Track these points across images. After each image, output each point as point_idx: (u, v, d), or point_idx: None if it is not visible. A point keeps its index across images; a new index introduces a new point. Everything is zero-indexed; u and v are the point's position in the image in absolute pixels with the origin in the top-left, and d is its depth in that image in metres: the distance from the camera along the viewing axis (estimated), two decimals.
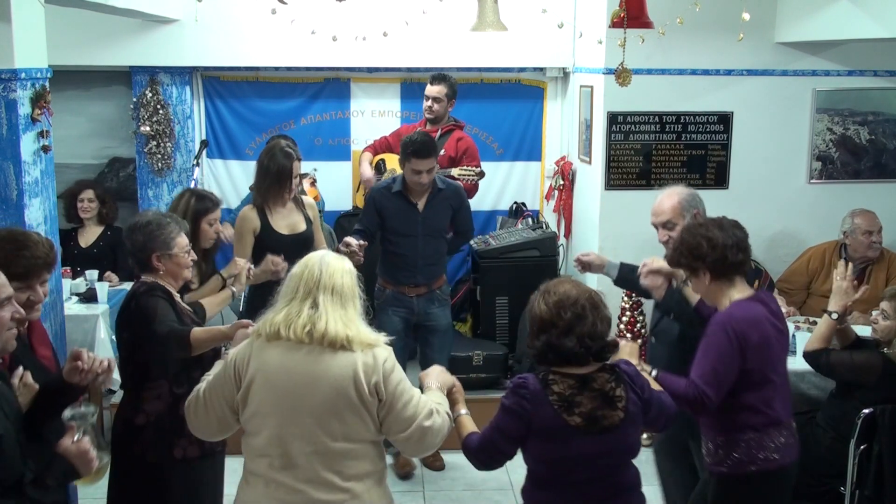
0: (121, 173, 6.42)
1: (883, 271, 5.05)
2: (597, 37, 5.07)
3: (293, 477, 2.51)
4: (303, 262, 2.62)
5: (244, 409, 2.55)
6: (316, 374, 2.49)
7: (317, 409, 2.49)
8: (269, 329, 2.54)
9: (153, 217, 3.21)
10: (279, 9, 4.52)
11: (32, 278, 2.62)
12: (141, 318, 3.05)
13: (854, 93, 5.61)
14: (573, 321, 2.55)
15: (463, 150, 5.43)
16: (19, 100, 3.55)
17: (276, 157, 4.19)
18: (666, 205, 3.62)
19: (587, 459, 2.58)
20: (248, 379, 2.53)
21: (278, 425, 2.51)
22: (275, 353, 2.53)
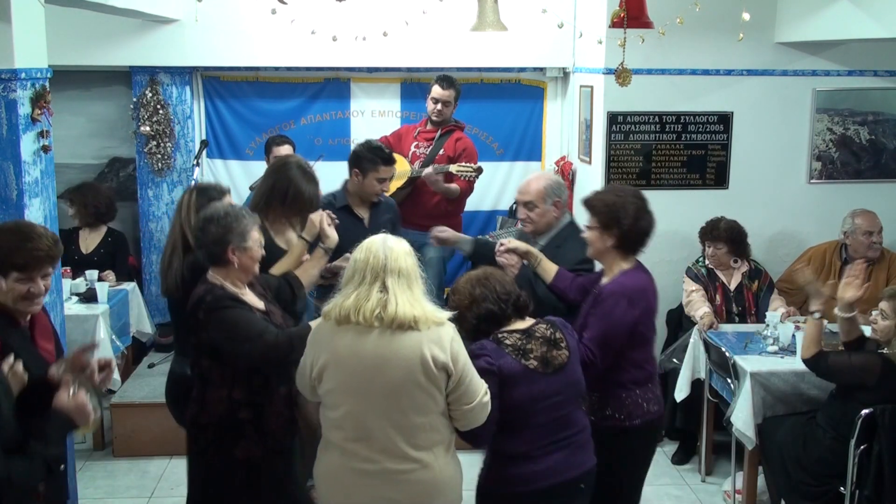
0: (121, 173, 6.42)
1: (884, 271, 5.05)
2: (597, 37, 5.07)
3: (367, 447, 2.70)
4: (364, 247, 2.75)
5: (320, 385, 2.76)
6: (386, 356, 2.65)
7: (388, 389, 2.66)
8: (339, 313, 2.68)
9: (229, 209, 3.12)
10: (279, 9, 4.52)
11: (33, 270, 2.64)
12: (223, 333, 3.01)
13: (854, 93, 5.61)
14: (483, 291, 2.99)
15: (461, 150, 5.44)
16: (19, 100, 3.56)
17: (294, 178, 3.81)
18: (533, 187, 3.89)
19: (546, 398, 2.94)
20: (321, 362, 2.73)
21: (353, 403, 2.70)
22: (345, 337, 2.69)
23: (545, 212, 3.91)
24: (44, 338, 2.83)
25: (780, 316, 4.61)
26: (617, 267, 3.42)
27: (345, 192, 4.51)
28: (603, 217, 3.42)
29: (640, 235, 3.44)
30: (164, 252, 3.52)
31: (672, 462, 5.02)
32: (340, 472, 2.75)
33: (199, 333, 3.06)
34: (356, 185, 4.45)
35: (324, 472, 2.82)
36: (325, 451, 2.83)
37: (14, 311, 2.69)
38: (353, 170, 4.48)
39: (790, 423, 4.08)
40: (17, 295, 2.63)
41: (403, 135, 5.72)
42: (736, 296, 5.02)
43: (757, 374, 4.17)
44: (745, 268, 5.08)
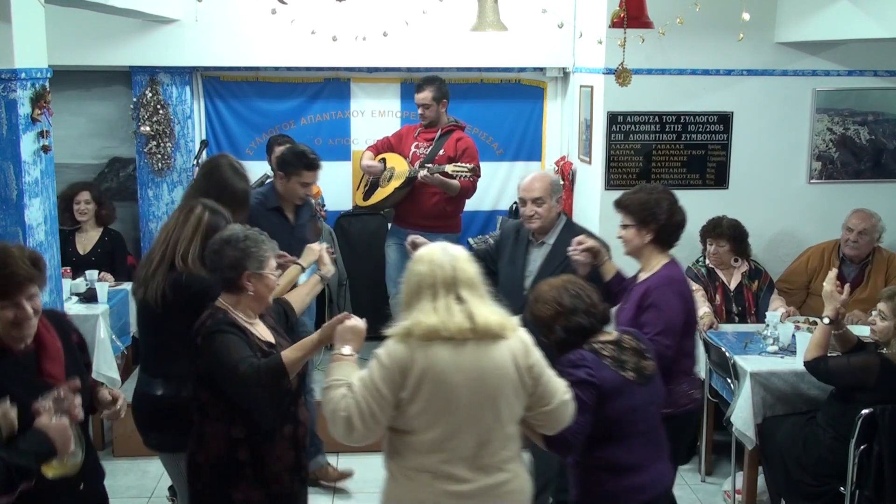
0: (121, 173, 6.42)
1: (882, 272, 5.05)
2: (597, 37, 5.07)
3: (466, 467, 2.59)
4: (424, 259, 2.63)
5: (409, 408, 2.56)
6: (485, 367, 2.58)
7: (486, 401, 2.59)
8: (422, 330, 2.54)
9: (249, 232, 2.94)
10: (279, 9, 4.52)
11: (15, 295, 2.46)
12: (212, 360, 2.83)
13: (854, 93, 5.61)
14: (573, 302, 2.96)
15: (462, 150, 5.43)
16: (19, 100, 3.55)
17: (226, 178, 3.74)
18: (540, 183, 3.97)
19: (643, 408, 2.99)
20: (414, 379, 2.54)
21: (449, 421, 2.57)
22: (442, 353, 2.55)
23: (552, 208, 3.97)
24: (51, 362, 2.61)
25: (779, 316, 4.60)
26: (656, 262, 3.52)
27: (275, 192, 4.48)
28: (639, 215, 3.53)
29: (676, 228, 3.58)
30: (150, 257, 3.32)
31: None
32: (434, 500, 2.60)
33: (196, 363, 2.89)
34: (282, 186, 4.44)
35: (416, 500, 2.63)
36: (409, 479, 2.63)
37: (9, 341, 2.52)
38: (278, 172, 4.48)
39: (790, 423, 4.08)
40: (5, 322, 2.47)
41: (404, 135, 5.72)
42: (736, 296, 5.02)
43: (757, 374, 4.17)
44: (745, 267, 5.08)
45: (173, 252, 3.23)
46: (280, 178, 4.44)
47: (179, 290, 3.16)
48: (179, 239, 3.25)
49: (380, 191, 5.63)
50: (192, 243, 3.22)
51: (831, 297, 3.85)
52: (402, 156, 5.62)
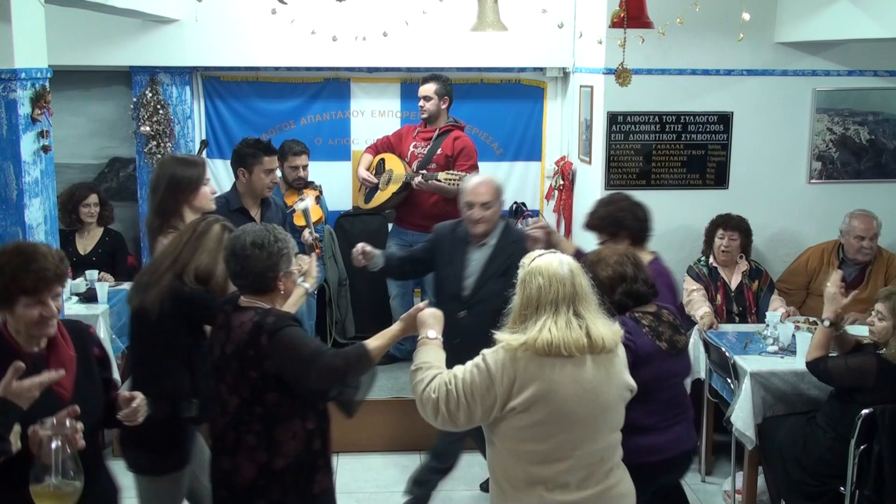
0: (121, 173, 6.42)
1: (882, 272, 5.05)
2: (597, 37, 5.07)
3: (579, 477, 2.65)
4: (544, 272, 2.63)
5: (521, 418, 2.60)
6: (602, 382, 2.66)
7: (603, 413, 2.67)
8: (543, 345, 2.56)
9: (276, 231, 2.91)
10: (279, 9, 4.51)
11: (43, 292, 2.45)
12: (287, 355, 2.76)
13: (854, 93, 5.61)
14: (635, 270, 3.28)
15: (459, 149, 5.43)
16: (19, 100, 3.55)
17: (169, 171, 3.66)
18: (487, 188, 4.06)
19: (671, 377, 3.29)
20: (528, 392, 2.58)
21: (568, 435, 2.62)
22: (564, 370, 2.59)
23: (497, 211, 4.08)
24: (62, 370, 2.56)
25: (779, 316, 4.61)
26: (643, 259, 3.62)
27: (236, 193, 4.43)
28: (608, 230, 3.88)
29: (645, 224, 3.98)
30: (155, 265, 3.24)
31: None
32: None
33: (261, 365, 2.77)
34: (245, 184, 4.41)
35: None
36: (520, 491, 2.65)
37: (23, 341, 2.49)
38: (238, 170, 4.44)
39: (790, 423, 4.08)
40: (30, 321, 2.44)
41: (404, 135, 5.73)
42: (737, 295, 5.02)
43: (757, 374, 4.17)
44: (746, 267, 5.08)
45: (184, 264, 3.15)
46: (241, 175, 4.40)
47: (180, 300, 3.10)
48: (197, 251, 3.16)
49: (379, 194, 5.64)
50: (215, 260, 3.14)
51: (833, 299, 3.86)
52: (401, 155, 5.62)
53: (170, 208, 3.61)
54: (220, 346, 2.88)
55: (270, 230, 2.90)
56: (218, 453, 2.94)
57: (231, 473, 2.86)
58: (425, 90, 5.48)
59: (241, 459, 2.84)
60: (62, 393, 2.48)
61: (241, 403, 2.83)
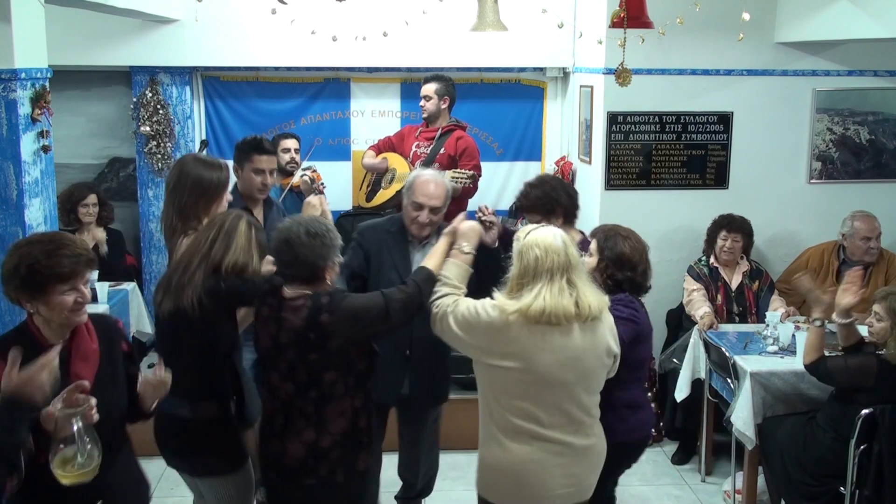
0: (121, 173, 6.42)
1: (882, 272, 5.06)
2: (597, 37, 5.07)
3: (561, 431, 2.84)
4: (541, 245, 2.79)
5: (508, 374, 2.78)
6: (586, 348, 2.82)
7: (584, 376, 2.85)
8: (533, 312, 2.72)
9: (329, 223, 2.96)
10: (279, 9, 4.52)
11: (77, 277, 2.47)
12: (359, 321, 2.84)
13: (854, 93, 5.61)
14: (647, 264, 3.37)
15: (462, 149, 5.43)
16: (19, 100, 3.55)
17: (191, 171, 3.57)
18: (440, 192, 3.77)
19: (649, 357, 3.55)
20: (514, 356, 2.76)
21: (552, 394, 2.80)
22: (551, 338, 2.77)
23: (443, 215, 3.86)
24: (82, 364, 2.54)
25: (780, 316, 4.61)
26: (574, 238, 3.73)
27: (238, 194, 4.30)
28: (544, 208, 3.90)
29: (576, 201, 4.09)
30: (181, 264, 3.16)
31: (672, 462, 5.02)
32: (536, 459, 2.82)
33: (324, 345, 2.83)
34: (240, 181, 4.28)
35: (517, 462, 2.83)
36: (512, 440, 2.84)
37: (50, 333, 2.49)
38: (234, 167, 4.30)
39: (790, 423, 4.08)
40: (66, 307, 2.45)
41: (406, 135, 5.73)
42: (737, 295, 5.02)
43: (757, 374, 4.17)
44: (746, 267, 5.09)
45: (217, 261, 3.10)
46: (236, 172, 4.28)
47: (218, 295, 3.06)
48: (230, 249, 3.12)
49: (382, 192, 5.63)
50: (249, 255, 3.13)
51: (817, 299, 3.95)
52: (403, 155, 5.62)
53: (192, 211, 3.52)
54: (269, 337, 2.92)
55: (322, 220, 2.96)
56: (267, 438, 2.99)
57: (280, 455, 2.93)
58: (426, 90, 5.48)
59: (289, 441, 2.91)
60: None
61: (295, 389, 2.90)
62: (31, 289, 2.45)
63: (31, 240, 2.55)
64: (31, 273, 2.43)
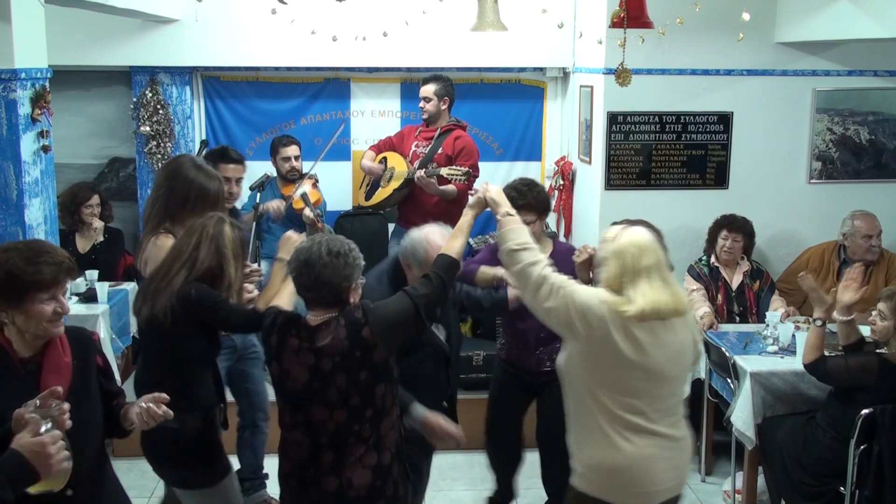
0: (121, 173, 6.43)
1: (882, 272, 5.06)
2: (597, 37, 5.07)
3: (664, 425, 2.83)
4: (634, 242, 2.81)
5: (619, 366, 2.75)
6: (685, 342, 2.86)
7: (685, 369, 2.93)
8: (644, 308, 2.73)
9: (350, 242, 2.80)
10: (279, 9, 4.52)
11: (58, 286, 2.36)
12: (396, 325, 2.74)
13: (854, 93, 5.61)
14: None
15: (459, 148, 5.43)
16: (19, 100, 3.56)
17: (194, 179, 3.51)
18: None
19: None
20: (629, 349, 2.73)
21: (660, 388, 2.81)
22: (660, 331, 2.77)
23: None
24: (55, 377, 2.40)
25: (780, 316, 4.61)
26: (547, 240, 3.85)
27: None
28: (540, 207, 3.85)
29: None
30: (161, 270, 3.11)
31: None
32: (648, 454, 2.81)
33: (370, 360, 2.69)
34: None
35: (630, 459, 2.80)
36: (622, 437, 2.80)
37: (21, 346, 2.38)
38: None
39: (790, 423, 4.08)
40: (44, 317, 2.34)
41: (406, 135, 5.73)
42: (738, 295, 5.02)
43: (757, 374, 4.17)
44: (747, 267, 5.09)
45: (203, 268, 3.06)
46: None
47: (187, 305, 3.00)
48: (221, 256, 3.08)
49: (380, 191, 5.63)
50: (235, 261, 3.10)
51: (819, 298, 3.93)
52: (402, 155, 5.62)
53: (181, 215, 3.46)
54: (306, 370, 2.71)
55: (342, 239, 2.80)
56: (316, 479, 2.76)
57: (343, 490, 2.74)
58: (425, 91, 5.48)
59: (351, 472, 2.73)
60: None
61: (349, 415, 2.72)
62: (9, 297, 2.32)
63: (7, 247, 2.41)
64: (10, 280, 2.31)
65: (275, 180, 5.58)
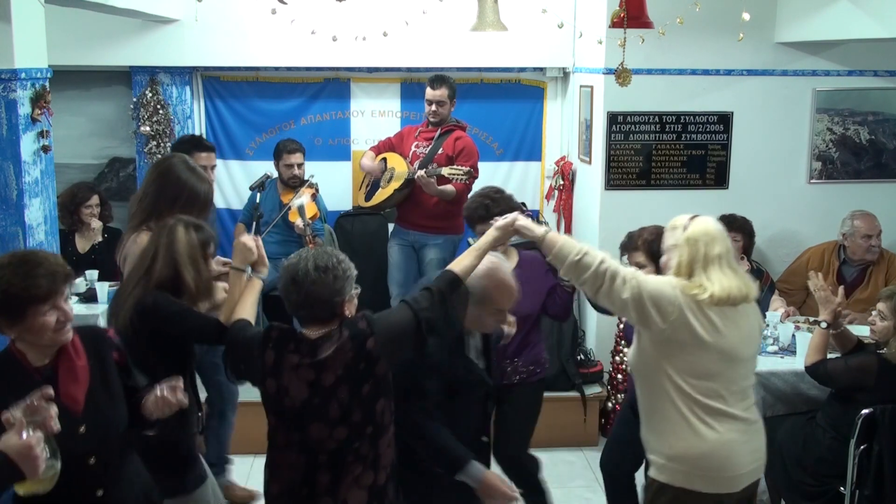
0: (121, 173, 6.42)
1: (882, 272, 5.06)
2: (597, 37, 5.07)
3: (740, 408, 2.92)
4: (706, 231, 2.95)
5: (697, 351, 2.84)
6: (755, 326, 2.99)
7: (755, 354, 3.03)
8: (719, 294, 2.84)
9: (337, 253, 2.70)
10: (279, 9, 4.52)
11: (57, 295, 2.33)
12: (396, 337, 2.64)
13: (854, 93, 5.61)
14: None
15: (460, 148, 5.43)
16: (19, 100, 3.56)
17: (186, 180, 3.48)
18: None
19: None
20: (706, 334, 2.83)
21: (736, 371, 2.91)
22: (733, 315, 2.88)
23: None
24: (73, 384, 2.40)
25: (780, 316, 4.61)
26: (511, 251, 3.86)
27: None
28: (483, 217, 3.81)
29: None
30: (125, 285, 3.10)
31: None
32: (729, 438, 2.86)
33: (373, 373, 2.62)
34: None
35: (713, 444, 2.85)
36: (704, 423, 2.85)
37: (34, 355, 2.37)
38: None
39: (790, 423, 4.08)
40: (49, 328, 2.31)
41: (405, 135, 5.73)
42: None
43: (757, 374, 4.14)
44: (747, 267, 5.08)
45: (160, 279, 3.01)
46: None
47: (144, 315, 2.95)
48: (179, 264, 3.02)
49: (380, 191, 5.63)
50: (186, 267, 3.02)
51: (826, 300, 3.87)
52: (402, 155, 5.62)
53: (168, 214, 3.38)
54: (306, 386, 2.60)
55: (329, 251, 2.68)
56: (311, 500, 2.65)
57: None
58: (439, 96, 5.41)
59: (347, 492, 2.63)
60: (71, 405, 2.35)
61: (349, 432, 2.62)
62: (10, 315, 2.31)
63: (9, 262, 2.36)
64: (6, 298, 2.29)
65: (275, 181, 5.58)
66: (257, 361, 2.65)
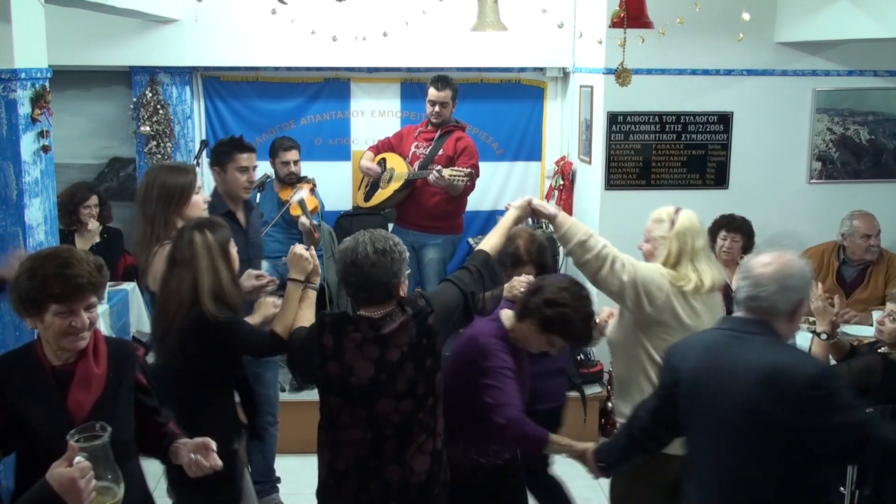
0: (121, 173, 6.42)
1: (882, 272, 5.05)
2: (597, 37, 5.07)
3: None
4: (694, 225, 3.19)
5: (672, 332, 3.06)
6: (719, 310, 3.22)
7: None
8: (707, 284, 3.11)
9: (391, 235, 2.76)
10: (279, 9, 4.51)
11: (75, 301, 2.30)
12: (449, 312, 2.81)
13: (854, 93, 5.61)
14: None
15: (461, 149, 5.43)
16: (19, 100, 3.55)
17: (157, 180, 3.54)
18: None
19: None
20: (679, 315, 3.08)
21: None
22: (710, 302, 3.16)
23: None
24: (83, 391, 2.38)
25: None
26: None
27: (218, 196, 4.22)
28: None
29: None
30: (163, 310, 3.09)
31: None
32: None
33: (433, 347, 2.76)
34: (222, 184, 4.24)
35: None
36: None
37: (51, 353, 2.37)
38: (213, 169, 4.29)
39: None
40: (58, 331, 2.30)
41: (405, 135, 5.73)
42: None
43: None
44: None
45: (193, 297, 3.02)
46: (218, 174, 4.26)
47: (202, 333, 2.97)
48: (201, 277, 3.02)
49: (380, 192, 5.63)
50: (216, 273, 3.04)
51: (824, 311, 3.86)
52: (402, 156, 5.62)
53: (160, 219, 3.48)
54: (372, 364, 2.70)
55: (385, 233, 2.76)
56: (378, 470, 2.76)
57: (406, 477, 2.77)
58: (443, 97, 5.40)
59: (412, 458, 2.77)
60: (75, 411, 2.34)
61: (415, 404, 2.74)
62: (27, 304, 2.34)
63: (47, 253, 2.39)
64: (28, 289, 2.32)
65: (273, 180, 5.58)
66: (316, 349, 2.74)
